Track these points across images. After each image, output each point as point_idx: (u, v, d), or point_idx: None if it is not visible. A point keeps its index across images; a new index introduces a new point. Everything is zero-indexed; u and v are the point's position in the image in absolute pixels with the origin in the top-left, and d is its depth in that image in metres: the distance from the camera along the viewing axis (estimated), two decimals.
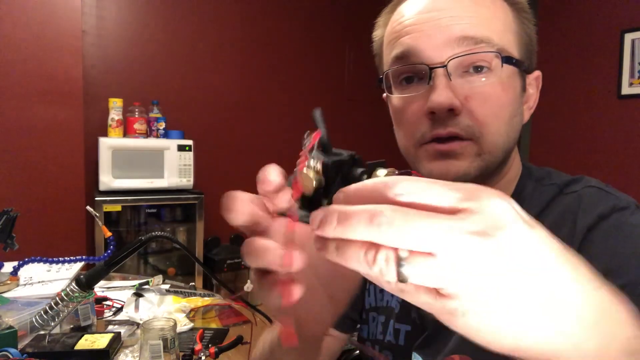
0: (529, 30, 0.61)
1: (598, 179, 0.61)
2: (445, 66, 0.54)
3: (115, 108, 2.60)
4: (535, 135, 3.76)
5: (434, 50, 0.55)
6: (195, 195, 2.68)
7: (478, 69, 0.55)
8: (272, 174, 0.31)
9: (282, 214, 0.31)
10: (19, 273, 1.07)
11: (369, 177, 0.29)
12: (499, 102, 0.55)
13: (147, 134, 2.70)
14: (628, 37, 3.14)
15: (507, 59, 0.55)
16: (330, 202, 0.26)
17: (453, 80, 0.54)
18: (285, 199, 0.31)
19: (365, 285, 0.74)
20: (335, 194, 0.26)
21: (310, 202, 0.28)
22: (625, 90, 3.18)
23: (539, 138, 3.74)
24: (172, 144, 2.63)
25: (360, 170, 0.30)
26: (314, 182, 0.27)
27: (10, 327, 0.77)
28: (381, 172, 0.29)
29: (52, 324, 0.85)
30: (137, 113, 2.68)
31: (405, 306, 0.67)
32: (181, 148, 2.64)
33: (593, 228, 0.53)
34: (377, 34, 0.66)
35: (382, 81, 0.62)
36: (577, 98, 3.47)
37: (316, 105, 0.30)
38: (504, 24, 0.57)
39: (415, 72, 0.57)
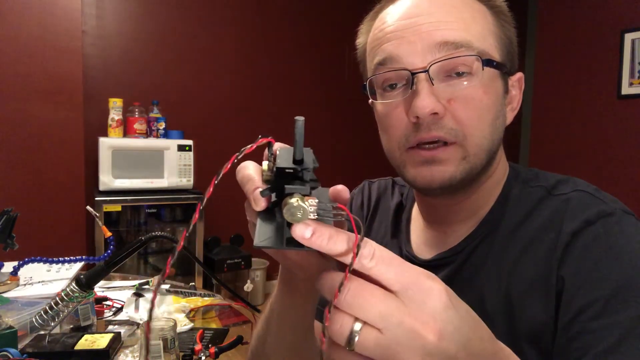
0: (509, 33, 0.61)
1: (598, 178, 0.61)
2: (427, 71, 0.55)
3: (115, 108, 2.60)
4: (535, 136, 3.76)
5: (415, 56, 0.55)
6: (195, 195, 2.68)
7: (460, 73, 0.56)
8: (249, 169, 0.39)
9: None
10: (19, 273, 1.07)
11: (281, 200, 0.32)
12: (481, 105, 0.56)
13: (147, 134, 2.70)
14: (628, 37, 3.14)
15: (488, 62, 0.56)
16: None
17: (435, 84, 0.55)
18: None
19: None
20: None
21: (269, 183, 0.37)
22: (625, 90, 3.18)
23: (539, 138, 3.74)
24: (172, 144, 2.63)
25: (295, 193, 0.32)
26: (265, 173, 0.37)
27: (10, 327, 0.77)
28: (292, 201, 0.31)
29: (52, 324, 0.85)
30: (137, 113, 2.68)
31: None
32: (181, 148, 2.64)
33: (578, 233, 0.52)
34: (360, 41, 0.66)
35: (367, 88, 0.63)
36: (577, 98, 3.46)
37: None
38: (484, 28, 0.58)
39: (398, 77, 0.58)
